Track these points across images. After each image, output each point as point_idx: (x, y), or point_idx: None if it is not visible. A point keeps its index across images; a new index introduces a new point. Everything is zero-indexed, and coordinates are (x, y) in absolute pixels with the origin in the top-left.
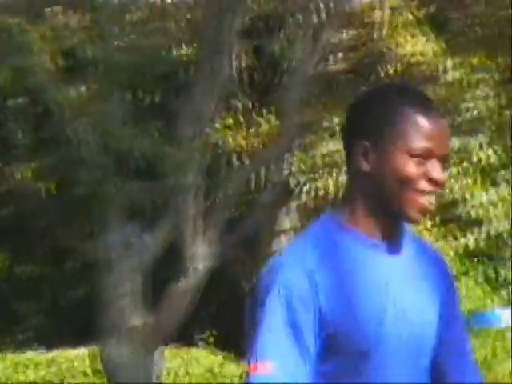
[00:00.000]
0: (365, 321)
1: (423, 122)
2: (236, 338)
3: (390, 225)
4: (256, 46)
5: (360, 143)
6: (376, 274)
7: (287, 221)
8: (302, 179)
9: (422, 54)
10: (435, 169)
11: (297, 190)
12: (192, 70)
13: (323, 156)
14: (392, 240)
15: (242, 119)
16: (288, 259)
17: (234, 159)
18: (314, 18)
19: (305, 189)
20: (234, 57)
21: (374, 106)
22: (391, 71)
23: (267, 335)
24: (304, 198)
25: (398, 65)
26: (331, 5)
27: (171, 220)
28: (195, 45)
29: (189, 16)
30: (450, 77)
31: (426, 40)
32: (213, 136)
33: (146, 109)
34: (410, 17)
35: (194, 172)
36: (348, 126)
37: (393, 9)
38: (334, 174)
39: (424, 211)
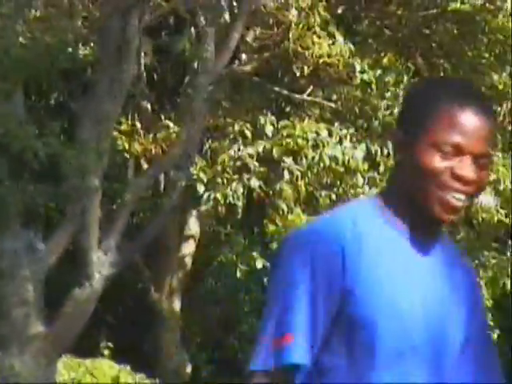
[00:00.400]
0: (390, 309)
1: (457, 115)
2: (134, 350)
3: (423, 221)
4: (160, 45)
5: (396, 132)
6: (407, 264)
7: (196, 226)
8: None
9: (329, 55)
10: (464, 166)
11: (205, 194)
12: (97, 70)
13: (234, 160)
14: (424, 237)
15: (140, 124)
16: (322, 229)
17: (142, 163)
18: (225, 17)
19: (209, 194)
20: (141, 56)
21: (416, 96)
22: (298, 74)
23: (289, 305)
24: (211, 202)
25: (306, 67)
26: (244, 4)
27: (71, 225)
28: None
29: (97, 14)
30: (358, 79)
31: (333, 42)
32: (117, 140)
33: (49, 108)
34: (318, 18)
35: (96, 176)
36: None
37: (301, 10)
38: (245, 179)
39: (449, 209)
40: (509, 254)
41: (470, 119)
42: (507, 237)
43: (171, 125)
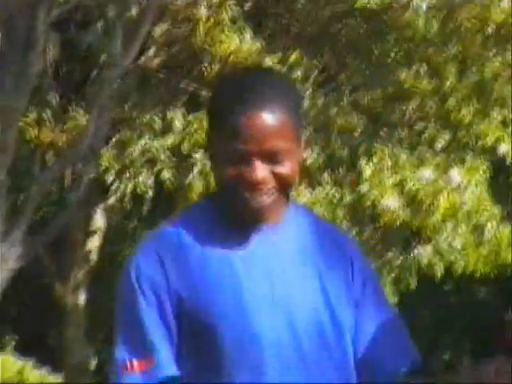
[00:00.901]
0: (225, 311)
1: (230, 121)
2: (38, 345)
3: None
4: (67, 38)
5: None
6: (249, 262)
7: (101, 220)
8: (113, 177)
9: (236, 52)
10: (252, 169)
11: (112, 187)
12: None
13: (141, 153)
14: (270, 224)
15: (48, 115)
16: (142, 245)
17: (47, 157)
18: (133, 10)
19: (117, 187)
20: (48, 49)
21: (213, 98)
22: (208, 69)
23: (136, 325)
24: (117, 196)
25: (213, 64)
26: None
27: None
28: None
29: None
30: None
31: (241, 40)
32: (24, 132)
33: None
34: (225, 15)
35: (1, 170)
36: None
37: (209, 6)
38: (153, 171)
39: (255, 212)
40: (412, 254)
41: (239, 121)
42: (413, 236)
43: (80, 115)
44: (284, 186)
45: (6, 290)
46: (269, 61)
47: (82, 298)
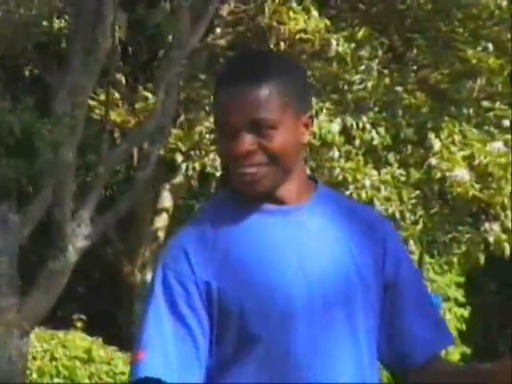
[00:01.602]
0: (255, 294)
1: (217, 94)
2: (107, 323)
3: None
4: (135, 18)
5: None
6: (270, 241)
7: (169, 199)
8: (181, 157)
9: (304, 31)
10: (238, 142)
11: (181, 167)
12: (72, 43)
13: (209, 132)
14: (291, 205)
15: (117, 95)
16: (170, 241)
17: (116, 136)
18: None
19: (184, 166)
20: (116, 29)
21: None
22: (275, 48)
23: (149, 322)
24: (184, 175)
25: (282, 42)
26: None
27: (45, 199)
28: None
29: None
30: (333, 52)
31: (308, 17)
32: (93, 111)
33: (24, 82)
34: None
35: (70, 149)
36: None
37: None
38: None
39: (247, 184)
40: (482, 229)
41: (226, 94)
42: (481, 212)
43: (150, 96)
44: (274, 160)
45: (74, 269)
46: (335, 38)
47: (149, 276)
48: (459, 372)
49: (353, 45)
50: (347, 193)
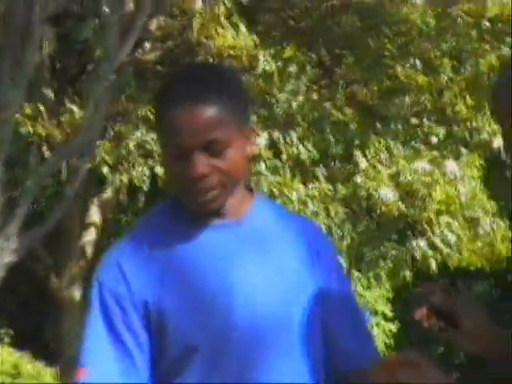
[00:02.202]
0: (194, 307)
1: (164, 115)
2: (34, 337)
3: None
4: (63, 33)
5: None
6: (210, 256)
7: (97, 213)
8: (108, 170)
9: (232, 47)
10: (191, 164)
11: (108, 180)
12: None
13: (137, 146)
14: (231, 219)
15: (42, 108)
16: (105, 259)
17: (44, 150)
18: (129, 5)
19: (113, 179)
20: (44, 43)
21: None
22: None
23: (89, 340)
24: (113, 189)
25: (209, 58)
26: None
27: None
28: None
29: None
30: (260, 69)
31: (237, 33)
32: (20, 125)
33: None
34: (222, 9)
35: None
36: None
37: (204, 0)
38: (149, 163)
39: (203, 205)
40: (409, 245)
41: (176, 115)
42: (408, 228)
43: (75, 109)
44: (227, 179)
45: (1, 284)
46: (263, 55)
47: (77, 292)
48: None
49: (279, 63)
50: None
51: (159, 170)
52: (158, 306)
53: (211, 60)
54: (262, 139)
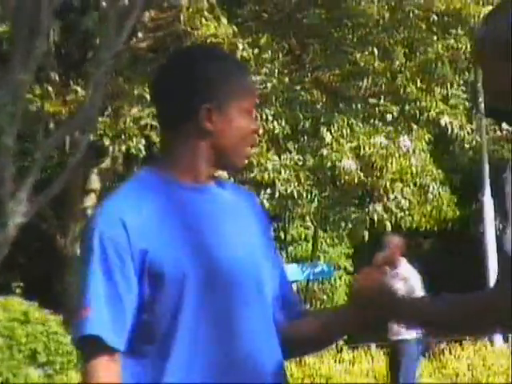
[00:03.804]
0: (185, 247)
1: (244, 80)
2: (42, 289)
3: (211, 174)
4: (67, 24)
5: (202, 107)
6: (195, 212)
7: (96, 181)
8: (108, 141)
9: (214, 36)
10: (256, 121)
11: (109, 149)
12: (12, 45)
13: (134, 120)
14: (210, 185)
15: (50, 89)
16: (103, 207)
17: (50, 126)
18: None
19: (111, 149)
20: (51, 33)
21: (199, 69)
22: None
23: (87, 283)
24: (111, 159)
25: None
26: None
27: None
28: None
29: None
30: (238, 55)
31: (219, 24)
32: (31, 104)
33: None
34: (204, 3)
35: (10, 136)
36: (181, 91)
37: None
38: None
39: (244, 160)
40: (367, 209)
41: (250, 80)
42: (366, 195)
43: (79, 89)
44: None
45: (14, 241)
46: (241, 43)
47: (79, 249)
48: (322, 321)
49: (256, 50)
50: (252, 175)
51: (155, 138)
52: (154, 253)
53: None
54: None
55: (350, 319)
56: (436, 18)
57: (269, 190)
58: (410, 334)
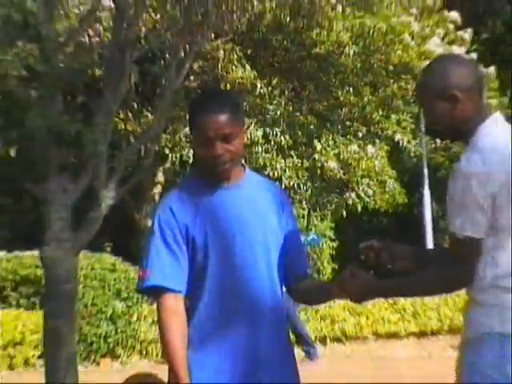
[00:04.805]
0: (213, 229)
1: (200, 118)
2: (127, 248)
3: (229, 177)
4: (143, 69)
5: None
6: (222, 204)
7: (161, 176)
8: (168, 151)
9: (241, 78)
10: (213, 148)
11: (169, 157)
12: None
13: (186, 136)
14: (233, 183)
15: (130, 115)
16: (161, 202)
17: (130, 139)
18: (181, 54)
19: (171, 156)
20: (131, 76)
21: (190, 110)
22: (224, 88)
23: (148, 251)
24: (171, 162)
25: (228, 84)
26: (192, 47)
27: (89, 175)
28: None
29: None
30: (257, 92)
31: (244, 70)
32: (117, 124)
33: (76, 105)
34: (234, 55)
35: (103, 145)
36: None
37: (224, 50)
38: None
39: (220, 174)
40: (344, 196)
41: (204, 119)
42: (344, 187)
43: (149, 115)
44: (234, 157)
45: (105, 217)
46: (260, 83)
47: (150, 222)
48: (318, 286)
49: (270, 88)
50: (266, 173)
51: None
52: (192, 230)
53: (229, 86)
54: (259, 133)
55: (334, 293)
56: (392, 67)
57: (277, 183)
58: None
